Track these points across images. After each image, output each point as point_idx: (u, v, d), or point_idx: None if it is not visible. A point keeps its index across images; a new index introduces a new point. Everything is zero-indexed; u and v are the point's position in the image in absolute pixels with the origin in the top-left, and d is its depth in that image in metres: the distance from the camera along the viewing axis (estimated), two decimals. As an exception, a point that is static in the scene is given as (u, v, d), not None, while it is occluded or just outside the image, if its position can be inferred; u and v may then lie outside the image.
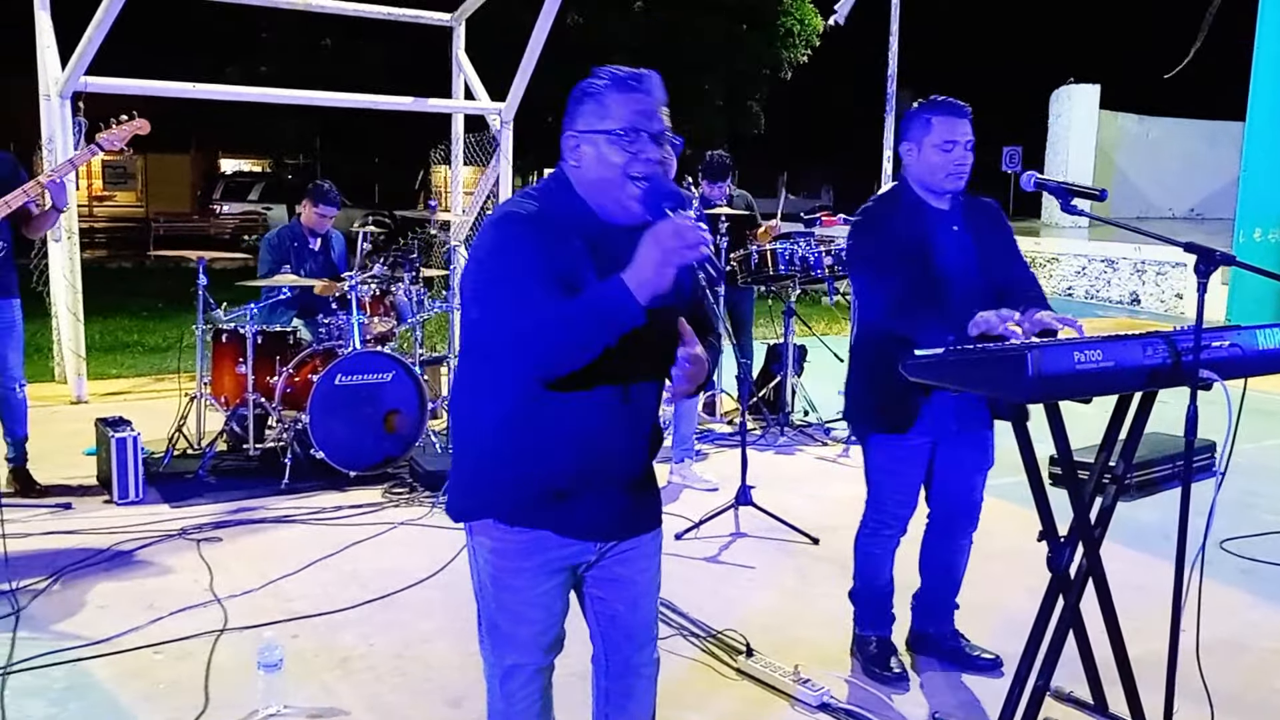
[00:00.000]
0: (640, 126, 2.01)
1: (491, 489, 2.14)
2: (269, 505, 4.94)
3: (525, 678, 2.26)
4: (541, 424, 2.07)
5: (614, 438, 2.12)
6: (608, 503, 2.16)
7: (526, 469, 2.10)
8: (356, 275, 5.51)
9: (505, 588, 2.19)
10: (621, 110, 2.01)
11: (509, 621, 2.21)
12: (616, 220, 2.05)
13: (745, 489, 4.75)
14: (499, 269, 1.99)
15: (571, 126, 2.06)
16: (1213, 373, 2.54)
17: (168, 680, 3.25)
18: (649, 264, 1.86)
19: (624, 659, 2.32)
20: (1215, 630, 3.60)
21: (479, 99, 8.55)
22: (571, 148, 2.06)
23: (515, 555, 2.16)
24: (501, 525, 2.14)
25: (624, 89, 2.03)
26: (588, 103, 2.05)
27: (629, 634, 2.30)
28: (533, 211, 2.03)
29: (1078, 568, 2.85)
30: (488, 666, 2.29)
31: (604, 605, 2.28)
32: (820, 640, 3.61)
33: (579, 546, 2.18)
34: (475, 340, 2.11)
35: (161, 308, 11.68)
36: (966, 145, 3.08)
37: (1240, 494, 5.34)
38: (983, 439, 3.24)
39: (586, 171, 2.05)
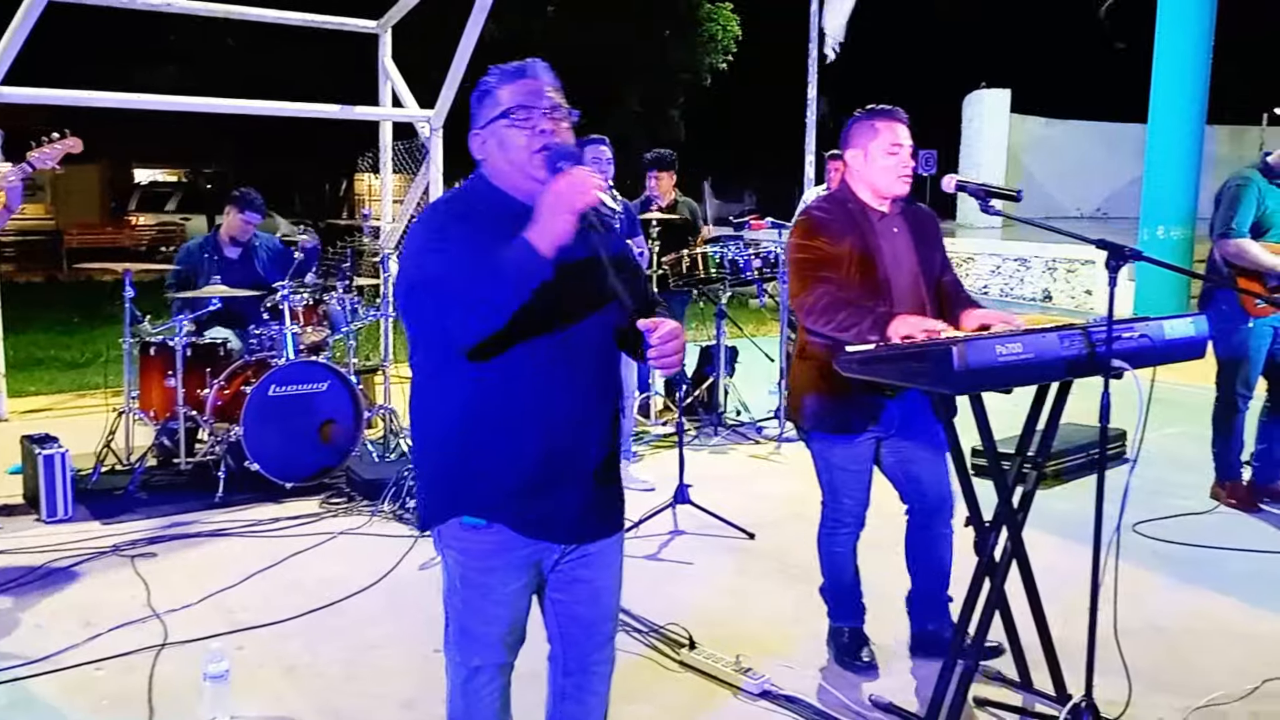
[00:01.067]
0: (530, 104, 2.13)
1: (455, 489, 2.18)
2: (204, 519, 4.89)
3: (488, 677, 2.30)
4: (500, 411, 2.12)
5: (572, 416, 2.16)
6: (573, 501, 2.20)
7: (488, 461, 2.14)
8: (288, 284, 5.48)
9: (474, 587, 2.23)
10: (511, 95, 2.14)
11: (477, 622, 2.25)
12: (534, 200, 2.11)
13: (683, 488, 4.85)
14: (425, 250, 2.08)
15: (475, 126, 2.19)
16: (1124, 362, 2.71)
17: (111, 695, 3.22)
18: (545, 213, 1.98)
19: (582, 657, 2.37)
20: (1132, 610, 3.81)
21: (407, 106, 8.51)
22: (479, 145, 2.19)
23: (482, 555, 2.20)
24: (468, 525, 2.18)
25: (511, 78, 2.16)
26: (484, 100, 2.18)
27: (590, 633, 2.35)
28: (454, 205, 2.16)
29: (1002, 552, 3.00)
30: (451, 667, 2.32)
31: (565, 606, 2.33)
32: (761, 632, 3.72)
33: (544, 546, 2.22)
34: (417, 339, 2.18)
35: (77, 322, 11.40)
36: (911, 150, 3.23)
37: (1147, 480, 5.57)
38: (932, 430, 3.28)
39: (495, 161, 2.16)
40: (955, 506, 3.34)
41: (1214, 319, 4.96)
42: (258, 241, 6.18)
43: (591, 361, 2.19)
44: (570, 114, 2.18)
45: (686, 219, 6.76)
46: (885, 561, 3.72)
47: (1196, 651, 3.61)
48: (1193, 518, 4.99)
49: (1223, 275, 4.90)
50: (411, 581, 4.14)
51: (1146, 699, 3.17)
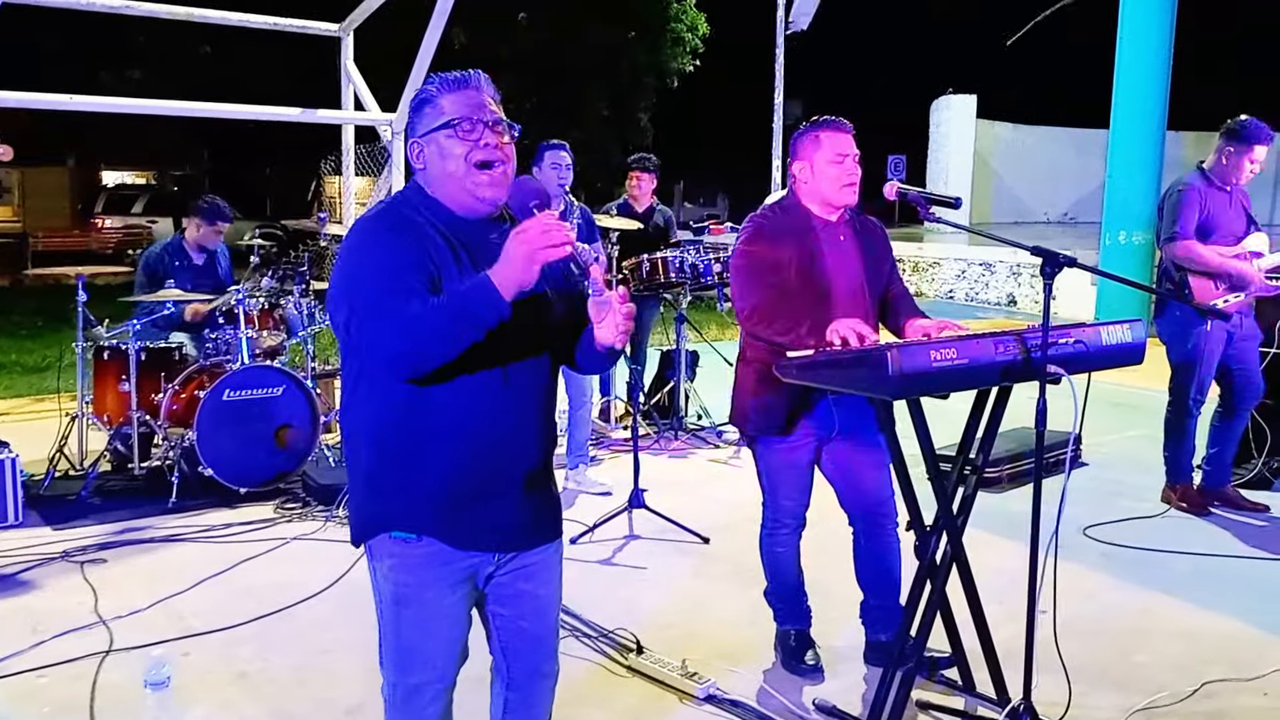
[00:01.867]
0: (473, 115, 2.10)
1: (384, 501, 2.13)
2: (156, 525, 4.85)
3: (431, 696, 2.23)
4: (426, 423, 2.08)
5: (502, 428, 2.13)
6: (504, 509, 2.17)
7: (416, 473, 2.10)
8: (244, 289, 5.45)
9: (409, 603, 2.17)
10: (454, 106, 2.11)
11: (416, 638, 2.19)
12: (470, 214, 2.13)
13: (638, 492, 4.87)
14: (361, 273, 2.04)
15: (414, 135, 2.15)
16: (1060, 368, 2.75)
17: (55, 703, 3.20)
18: (516, 260, 1.95)
19: (527, 670, 2.34)
20: (1078, 611, 3.87)
21: (369, 110, 8.49)
22: (416, 154, 2.15)
23: (415, 569, 2.15)
24: (399, 539, 2.13)
25: (453, 88, 2.12)
26: (424, 108, 2.13)
27: (534, 647, 2.32)
28: (389, 216, 2.11)
29: (943, 555, 3.04)
30: (389, 687, 2.25)
31: (508, 620, 2.29)
32: (715, 636, 3.74)
33: (478, 558, 2.18)
34: (348, 349, 2.13)
35: (40, 325, 11.27)
36: (855, 159, 3.25)
37: (1103, 483, 5.67)
38: (872, 437, 3.31)
39: (433, 170, 2.13)
40: (898, 512, 3.37)
41: (1168, 324, 5.08)
42: (217, 248, 6.14)
43: (525, 373, 2.16)
44: (512, 128, 2.16)
45: (659, 226, 6.77)
46: (835, 564, 3.74)
47: (1140, 651, 3.66)
48: (1143, 520, 5.06)
49: (1174, 281, 4.97)
50: (364, 587, 4.01)
51: (1089, 699, 3.21)
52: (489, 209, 2.13)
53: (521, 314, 2.02)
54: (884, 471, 3.35)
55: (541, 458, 2.24)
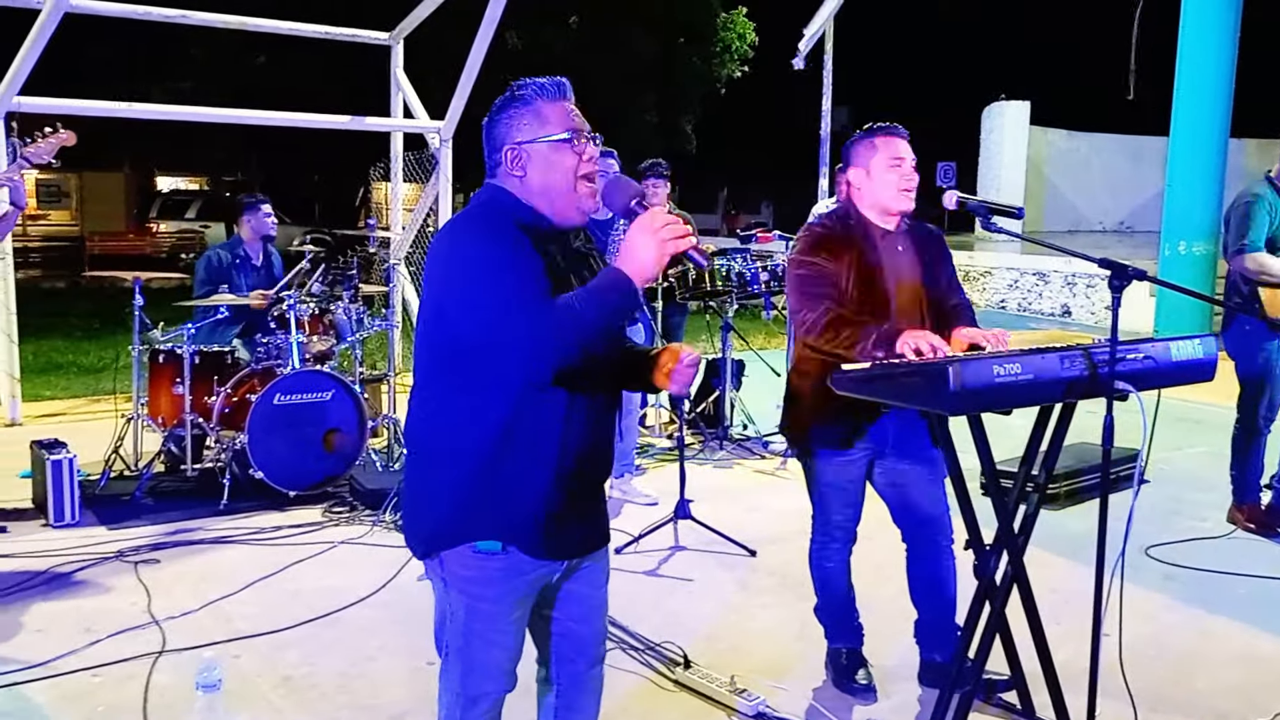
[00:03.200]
0: (581, 128, 2.11)
1: (476, 514, 2.11)
2: (207, 526, 4.90)
3: (487, 705, 2.23)
4: (529, 439, 2.07)
5: (589, 448, 2.16)
6: (585, 519, 2.22)
7: (514, 488, 2.09)
8: (295, 294, 5.50)
9: (480, 616, 2.16)
10: (557, 116, 2.10)
11: (485, 650, 2.18)
12: (565, 223, 2.13)
13: (684, 503, 4.82)
14: (496, 272, 1.98)
15: (508, 140, 2.11)
16: (1128, 384, 2.66)
17: (107, 703, 3.22)
18: (647, 252, 1.96)
19: (573, 674, 2.33)
20: (1139, 634, 3.75)
21: (418, 117, 8.56)
22: (512, 159, 2.11)
23: (492, 582, 2.14)
24: (481, 552, 2.12)
25: (553, 96, 2.12)
26: (522, 115, 2.11)
27: (581, 649, 2.32)
28: (495, 223, 2.07)
29: (1003, 574, 2.95)
30: (448, 695, 2.24)
31: (557, 623, 2.30)
32: (761, 650, 3.69)
33: (550, 567, 2.19)
34: (458, 354, 2.06)
35: (97, 328, 11.48)
36: (912, 163, 3.19)
37: (1166, 500, 5.53)
38: (926, 451, 3.24)
39: (534, 179, 2.11)
40: (953, 529, 3.29)
41: (1236, 339, 4.93)
42: (274, 249, 6.25)
43: (607, 387, 2.20)
44: (597, 138, 2.17)
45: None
46: (886, 581, 3.68)
47: (1202, 676, 3.55)
48: (1208, 541, 4.91)
49: (1243, 294, 4.82)
50: (410, 592, 4.12)
51: None
52: (585, 219, 2.16)
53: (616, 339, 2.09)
54: (939, 487, 3.27)
55: (609, 471, 2.32)
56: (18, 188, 4.46)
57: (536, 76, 2.17)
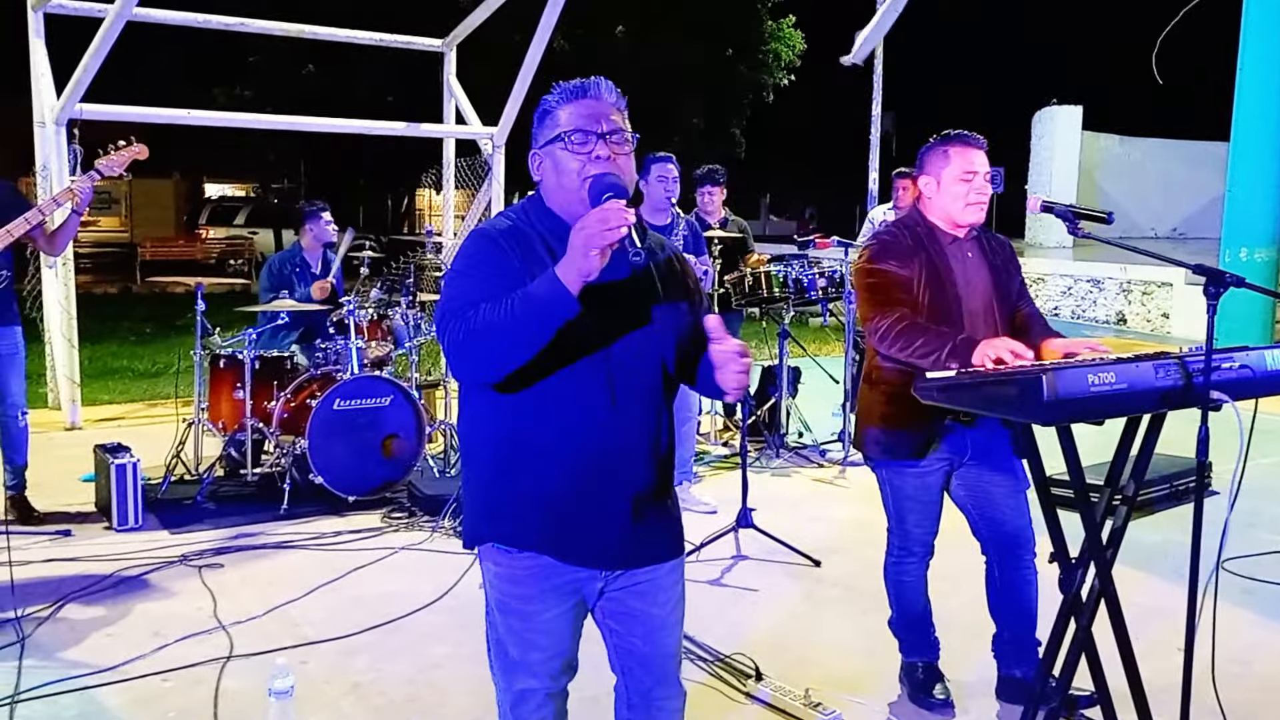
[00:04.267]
0: (587, 128, 2.06)
1: (493, 510, 2.13)
2: (269, 531, 4.92)
3: (537, 703, 2.21)
4: (534, 437, 2.06)
5: (608, 446, 2.08)
6: (610, 529, 2.11)
7: (522, 486, 2.09)
8: (354, 299, 5.52)
9: (512, 613, 2.16)
10: (570, 117, 2.07)
11: (517, 646, 2.18)
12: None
13: (746, 511, 4.76)
14: (452, 280, 2.06)
15: (534, 146, 2.13)
16: (1223, 394, 2.58)
17: (177, 708, 3.23)
18: (575, 250, 1.90)
19: (643, 692, 2.27)
20: (1221, 650, 3.63)
21: (470, 124, 8.59)
22: (535, 165, 2.13)
23: (520, 581, 2.13)
24: (504, 550, 2.13)
25: (571, 98, 2.09)
26: (544, 119, 2.12)
27: (647, 668, 2.26)
28: (502, 228, 2.09)
29: (1089, 589, 2.87)
30: (498, 690, 2.26)
31: (619, 638, 2.24)
32: (830, 662, 3.62)
33: (583, 573, 2.14)
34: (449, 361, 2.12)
35: (150, 333, 11.64)
36: (985, 176, 3.11)
37: (1240, 513, 5.34)
38: (1007, 461, 3.17)
39: (548, 182, 2.11)
40: (1035, 541, 3.21)
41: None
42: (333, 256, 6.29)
43: (636, 390, 2.10)
44: (631, 138, 2.11)
45: (736, 237, 6.63)
46: (959, 594, 3.60)
47: (1291, 697, 3.43)
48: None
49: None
50: (473, 599, 4.07)
51: (1240, 747, 3.01)
52: None
53: (630, 337, 2.03)
54: (1020, 498, 3.19)
55: (652, 480, 2.17)
56: (86, 194, 4.52)
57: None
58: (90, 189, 4.52)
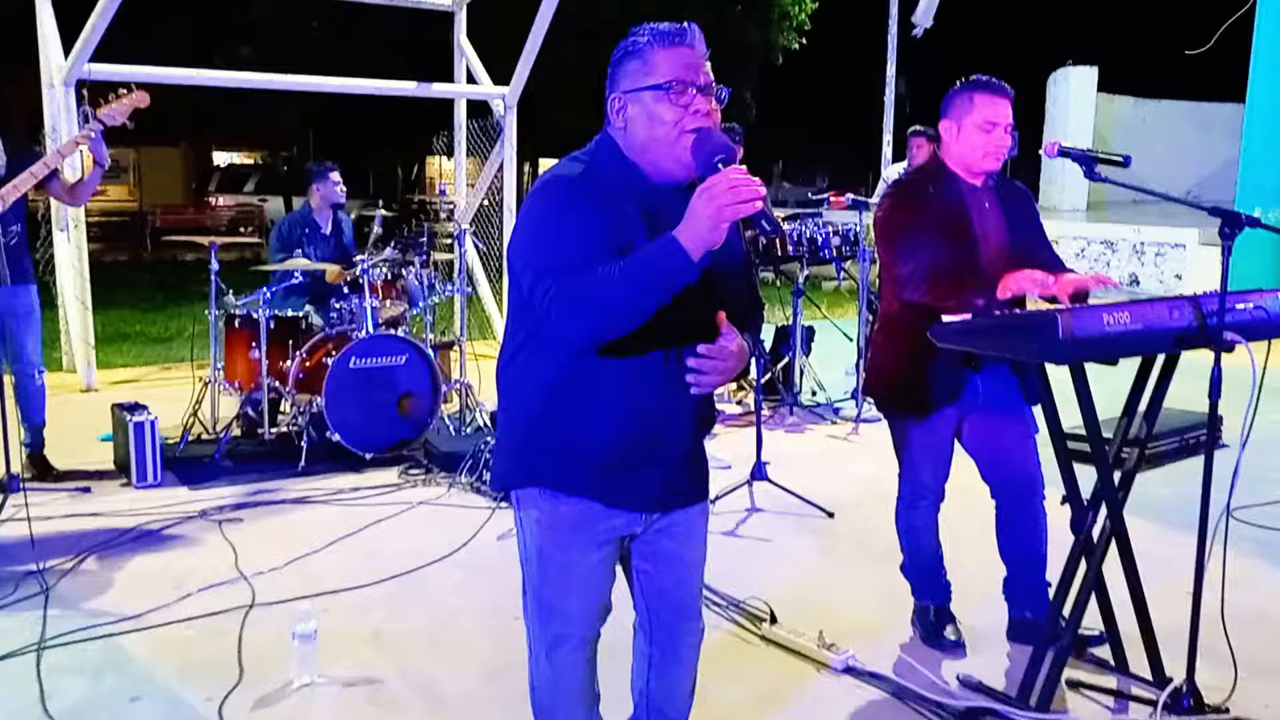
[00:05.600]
0: (688, 79, 1.98)
1: (539, 456, 2.12)
2: (287, 487, 4.97)
3: (572, 646, 2.23)
4: (588, 390, 2.05)
5: (660, 408, 2.09)
6: (655, 474, 2.14)
7: (573, 435, 2.08)
8: (368, 259, 5.53)
9: (551, 560, 2.17)
10: (667, 64, 1.98)
11: (556, 593, 2.19)
12: (667, 180, 2.03)
13: (760, 465, 4.79)
14: (550, 233, 1.96)
15: (616, 88, 2.03)
16: (1238, 335, 2.59)
17: (201, 654, 3.28)
18: (703, 219, 1.83)
19: (669, 629, 2.32)
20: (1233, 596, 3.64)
21: (481, 84, 8.55)
22: (617, 109, 2.03)
23: (563, 527, 2.14)
24: (548, 494, 2.12)
25: (667, 43, 1.99)
26: (631, 61, 2.01)
27: (676, 607, 2.30)
28: (581, 175, 2.01)
29: (1100, 531, 2.90)
30: (532, 637, 2.26)
31: (650, 579, 2.28)
32: (843, 610, 3.66)
33: (626, 518, 2.16)
34: (525, 306, 2.05)
35: (161, 299, 11.68)
36: (1006, 128, 3.08)
37: (1253, 467, 5.35)
38: (1017, 408, 3.19)
39: (635, 132, 2.01)
40: (1044, 485, 3.23)
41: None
42: (343, 217, 6.30)
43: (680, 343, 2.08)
44: (722, 92, 2.04)
45: None
46: (975, 540, 3.62)
47: (1302, 641, 3.45)
48: (1294, 506, 4.79)
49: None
50: (490, 552, 4.16)
51: (1251, 685, 3.03)
52: (689, 176, 2.01)
53: (692, 297, 1.93)
54: (1030, 443, 3.22)
55: (695, 439, 2.21)
56: (98, 144, 4.54)
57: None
58: (101, 138, 4.53)
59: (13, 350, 4.83)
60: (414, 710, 2.99)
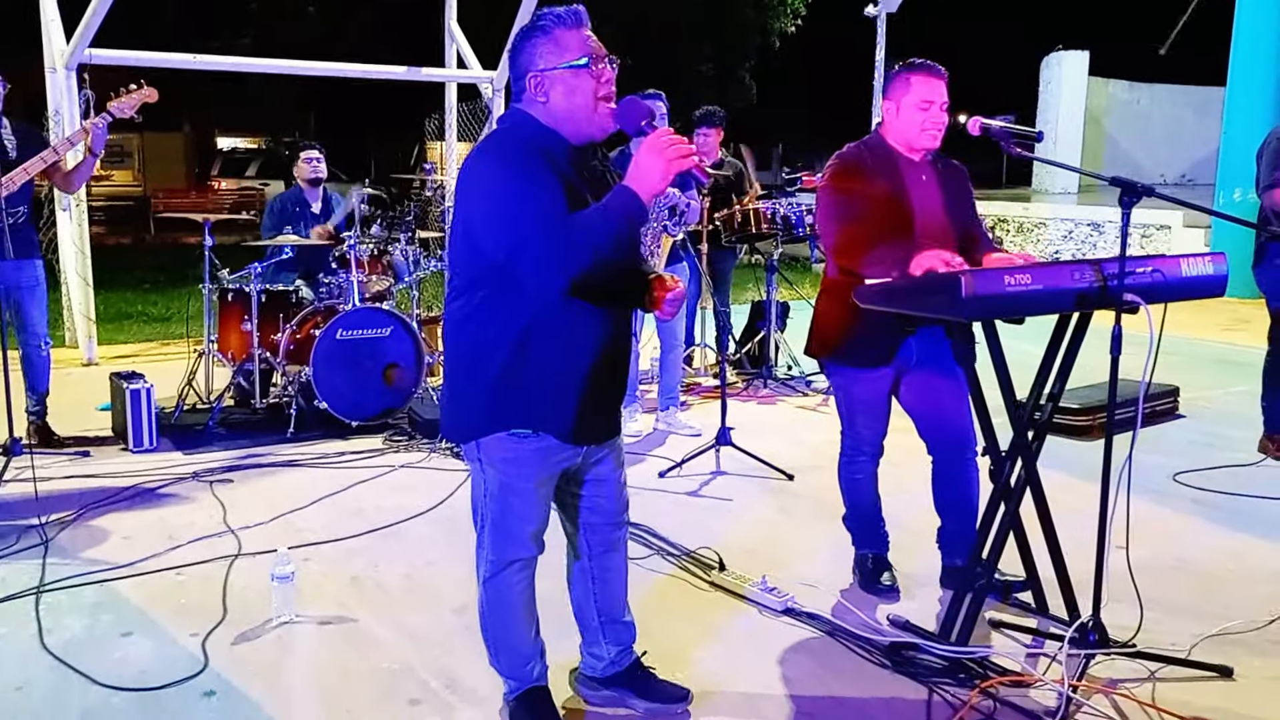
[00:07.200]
0: (600, 54, 2.32)
1: (509, 402, 2.39)
2: (276, 452, 5.22)
3: (517, 568, 2.57)
4: (562, 335, 2.35)
5: (612, 345, 2.44)
6: (608, 410, 2.53)
7: (547, 378, 2.37)
8: (355, 234, 5.76)
9: (515, 492, 2.48)
10: (576, 42, 2.31)
11: (515, 521, 2.50)
12: (584, 142, 2.36)
13: (724, 430, 5.02)
14: (520, 192, 2.23)
15: (533, 67, 2.32)
16: (1137, 297, 2.81)
17: (189, 597, 3.54)
18: (653, 168, 2.18)
19: (604, 538, 2.69)
20: (1165, 552, 3.91)
21: (471, 68, 8.76)
22: (536, 85, 2.31)
23: (525, 462, 2.44)
24: (516, 435, 2.41)
25: (570, 24, 2.31)
26: (543, 43, 2.31)
27: (607, 516, 2.67)
28: (521, 148, 2.29)
29: (1017, 479, 3.13)
30: (485, 565, 2.57)
31: (590, 501, 2.64)
32: (793, 562, 3.89)
33: (573, 450, 2.49)
34: (488, 267, 2.31)
35: (163, 281, 11.93)
36: (942, 106, 3.31)
37: (1200, 435, 5.63)
38: (950, 368, 3.37)
39: (556, 103, 2.32)
40: (977, 442, 3.45)
41: (1267, 272, 5.00)
42: (333, 194, 6.52)
43: (628, 296, 2.49)
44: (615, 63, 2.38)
45: (730, 178, 6.82)
46: (913, 497, 3.86)
47: (1222, 588, 3.67)
48: (1238, 469, 5.01)
49: (1276, 231, 4.88)
50: (465, 511, 4.34)
51: (1162, 626, 3.26)
52: (604, 136, 2.37)
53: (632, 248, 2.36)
54: (963, 402, 3.41)
55: (627, 367, 2.60)
56: (100, 135, 4.77)
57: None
58: (104, 129, 4.76)
59: (19, 321, 5.07)
60: (385, 644, 3.23)
